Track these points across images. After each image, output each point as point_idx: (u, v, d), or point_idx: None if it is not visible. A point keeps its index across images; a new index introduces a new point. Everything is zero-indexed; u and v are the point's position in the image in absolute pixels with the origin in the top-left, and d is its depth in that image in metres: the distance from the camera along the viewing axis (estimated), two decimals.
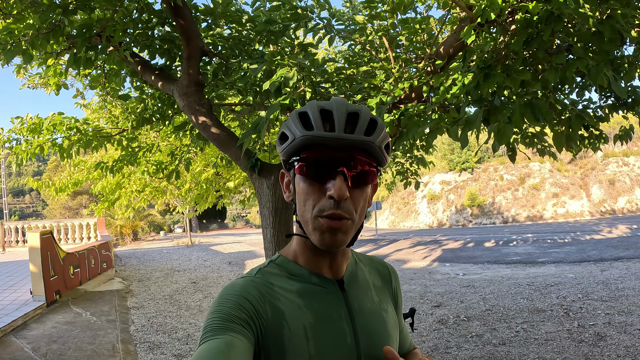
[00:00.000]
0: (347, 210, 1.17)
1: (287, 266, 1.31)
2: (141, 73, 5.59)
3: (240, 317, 1.11)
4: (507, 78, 3.13)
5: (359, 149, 1.20)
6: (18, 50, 4.08)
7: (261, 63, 3.99)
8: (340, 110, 1.20)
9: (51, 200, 57.15)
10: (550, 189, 45.02)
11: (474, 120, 3.09)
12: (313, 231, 1.20)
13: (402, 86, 4.05)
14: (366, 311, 1.33)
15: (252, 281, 1.24)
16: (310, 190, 1.20)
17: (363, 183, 1.22)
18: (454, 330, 8.18)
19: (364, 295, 1.37)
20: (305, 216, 1.21)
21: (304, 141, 1.19)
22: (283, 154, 1.26)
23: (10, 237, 24.33)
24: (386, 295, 1.47)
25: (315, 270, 1.31)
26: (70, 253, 12.63)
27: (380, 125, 1.24)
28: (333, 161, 1.17)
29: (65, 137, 6.56)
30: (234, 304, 1.14)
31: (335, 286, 1.31)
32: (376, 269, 1.52)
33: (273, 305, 1.20)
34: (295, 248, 1.34)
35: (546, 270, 14.04)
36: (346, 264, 1.37)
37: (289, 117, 1.27)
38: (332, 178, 1.17)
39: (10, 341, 7.97)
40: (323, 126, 1.19)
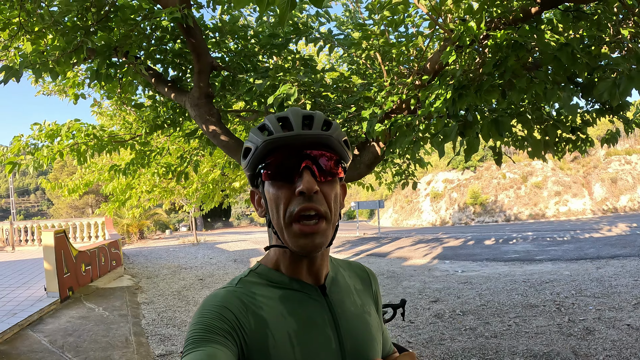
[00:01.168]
0: (319, 203, 1.20)
1: (268, 274, 1.31)
2: (155, 85, 6.00)
3: (222, 327, 1.11)
4: (477, 97, 3.55)
5: (320, 144, 1.23)
6: (45, 69, 4.50)
7: (266, 78, 4.41)
8: (295, 115, 1.24)
9: (57, 200, 57.55)
10: (552, 187, 44.99)
11: (449, 134, 3.50)
12: (289, 238, 1.21)
13: (393, 99, 4.48)
14: (349, 315, 1.34)
15: (233, 291, 1.23)
16: (280, 194, 1.21)
17: (330, 175, 1.25)
18: (449, 324, 8.48)
19: (346, 299, 1.37)
20: (280, 223, 1.22)
21: (267, 146, 1.21)
22: (249, 167, 1.29)
23: (19, 237, 24.68)
24: (368, 299, 1.47)
25: (295, 276, 1.30)
26: (82, 251, 12.98)
27: (335, 124, 1.29)
28: (297, 159, 1.20)
29: (83, 142, 6.96)
30: (215, 314, 1.14)
31: (318, 292, 1.31)
32: (355, 273, 1.53)
33: (256, 315, 1.19)
34: (274, 256, 1.34)
35: (543, 268, 14.26)
36: (326, 268, 1.36)
37: (250, 132, 1.29)
38: (299, 175, 1.19)
39: (28, 335, 8.31)
40: (282, 130, 1.22)
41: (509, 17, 3.89)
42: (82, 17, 4.67)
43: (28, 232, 24.61)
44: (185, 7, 4.34)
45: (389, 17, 4.53)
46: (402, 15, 4.57)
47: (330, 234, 1.25)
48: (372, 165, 5.40)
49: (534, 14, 3.93)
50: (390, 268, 16.19)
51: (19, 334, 8.37)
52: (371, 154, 5.25)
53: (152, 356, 7.42)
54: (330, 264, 1.42)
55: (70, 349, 7.54)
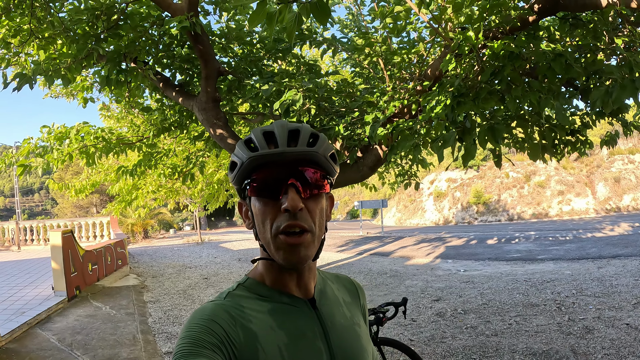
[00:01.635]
0: (305, 220, 1.20)
1: (256, 288, 1.31)
2: (163, 89, 6.15)
3: (210, 341, 1.10)
4: (475, 105, 3.68)
5: (305, 160, 1.22)
6: (57, 76, 4.65)
7: (271, 84, 4.56)
8: (281, 129, 1.22)
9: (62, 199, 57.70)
10: (555, 186, 44.84)
11: (448, 140, 3.63)
12: (276, 251, 1.21)
13: (394, 104, 4.62)
14: (339, 327, 1.33)
15: (221, 305, 1.22)
16: (266, 209, 1.22)
17: (316, 193, 1.24)
18: (451, 322, 8.57)
19: (335, 311, 1.37)
20: (266, 237, 1.22)
21: (252, 162, 1.21)
22: (235, 181, 1.28)
23: (25, 236, 24.83)
24: (356, 311, 1.47)
25: (284, 289, 1.30)
26: (88, 251, 13.11)
27: (322, 138, 1.27)
28: (282, 176, 1.20)
29: (92, 145, 7.10)
30: (203, 328, 1.12)
31: (307, 305, 1.31)
32: (344, 286, 1.53)
33: (245, 328, 1.18)
34: (261, 270, 1.33)
35: (544, 267, 14.26)
36: (314, 281, 1.37)
37: (236, 146, 1.28)
38: (285, 192, 1.19)
39: (37, 333, 8.43)
40: (268, 146, 1.21)
41: (506, 27, 4.03)
42: (92, 25, 4.81)
43: (34, 232, 24.75)
44: (193, 15, 4.48)
45: (391, 23, 4.66)
46: (404, 22, 4.70)
47: (315, 247, 1.25)
48: (374, 167, 5.54)
49: (531, 22, 4.06)
50: (393, 267, 16.27)
51: (27, 332, 8.48)
52: (374, 156, 5.40)
53: (159, 353, 7.54)
54: (318, 276, 1.42)
55: (79, 347, 7.66)
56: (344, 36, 6.03)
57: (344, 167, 5.73)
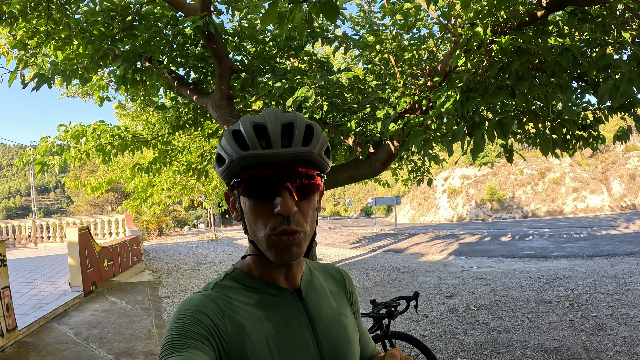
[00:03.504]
0: (298, 224, 1.17)
1: (243, 279, 1.29)
2: (177, 87, 6.22)
3: (199, 332, 1.09)
4: (483, 100, 3.73)
5: (300, 161, 1.18)
6: (75, 75, 4.75)
7: (284, 81, 4.63)
8: (274, 123, 1.16)
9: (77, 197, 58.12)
10: (570, 183, 44.52)
11: (457, 134, 3.67)
12: (268, 249, 1.19)
13: (406, 100, 4.68)
14: (326, 318, 1.33)
15: (209, 296, 1.21)
16: (258, 210, 1.18)
17: (309, 193, 1.21)
18: (463, 319, 8.58)
19: (322, 302, 1.36)
20: (258, 235, 1.20)
21: (242, 162, 1.15)
22: (223, 176, 1.24)
23: (41, 234, 25.08)
24: (343, 300, 1.47)
25: (271, 281, 1.29)
26: (104, 247, 13.30)
27: (317, 132, 1.22)
28: (275, 178, 1.15)
29: (108, 143, 7.20)
30: (192, 319, 1.11)
31: (294, 296, 1.30)
32: (331, 275, 1.52)
33: (233, 320, 1.17)
34: (249, 262, 1.33)
35: (558, 265, 14.21)
36: (301, 273, 1.36)
37: (223, 135, 1.22)
38: (278, 195, 1.15)
39: (53, 327, 8.58)
40: (259, 143, 1.14)
41: (514, 22, 4.07)
42: (108, 26, 4.90)
43: (50, 229, 25.00)
44: (206, 14, 4.56)
45: (401, 20, 4.70)
46: (414, 19, 4.74)
47: (306, 245, 1.23)
48: (386, 163, 5.60)
49: (539, 17, 4.09)
50: (406, 264, 16.26)
51: (44, 326, 8.63)
52: (386, 152, 5.46)
53: None
54: (305, 267, 1.41)
55: (95, 340, 7.77)
56: (355, 33, 6.08)
57: (356, 162, 5.78)
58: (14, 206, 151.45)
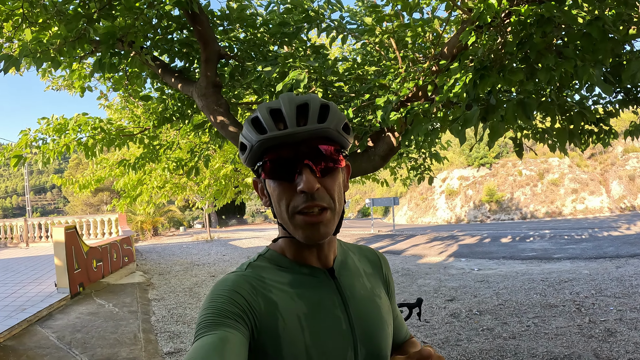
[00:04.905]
0: (323, 199, 1.19)
1: (277, 259, 1.32)
2: (161, 75, 5.83)
3: (233, 311, 1.12)
4: (501, 78, 3.31)
5: (317, 137, 1.20)
6: (47, 58, 4.33)
7: (274, 65, 4.21)
8: (289, 105, 1.20)
9: (72, 197, 58.01)
10: (569, 184, 44.57)
11: (470, 119, 3.26)
12: (295, 230, 1.22)
13: (408, 85, 4.25)
14: (359, 297, 1.34)
15: (243, 275, 1.24)
16: (281, 190, 1.21)
17: (332, 169, 1.23)
18: (466, 324, 8.26)
19: (355, 281, 1.37)
20: (283, 217, 1.23)
21: (262, 145, 1.19)
22: (247, 162, 1.28)
23: (33, 233, 24.82)
24: (378, 282, 1.47)
25: (303, 262, 1.31)
26: (93, 247, 12.95)
27: (333, 109, 1.24)
28: (295, 157, 1.18)
29: (90, 136, 6.81)
30: (226, 299, 1.14)
31: (326, 275, 1.32)
32: (365, 257, 1.53)
33: (266, 298, 1.20)
34: (281, 243, 1.34)
35: (561, 267, 13.98)
36: (334, 253, 1.37)
37: (244, 125, 1.27)
38: (299, 173, 1.17)
39: (36, 330, 8.23)
40: (276, 126, 1.18)
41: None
42: (84, 5, 4.49)
43: (42, 229, 24.70)
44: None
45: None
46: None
47: (334, 223, 1.24)
48: (387, 157, 5.15)
49: None
50: (405, 266, 16.00)
51: (27, 329, 8.30)
52: (386, 144, 5.01)
53: (160, 353, 7.30)
54: (339, 248, 1.43)
55: (78, 345, 7.44)
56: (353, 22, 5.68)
57: (354, 156, 5.33)
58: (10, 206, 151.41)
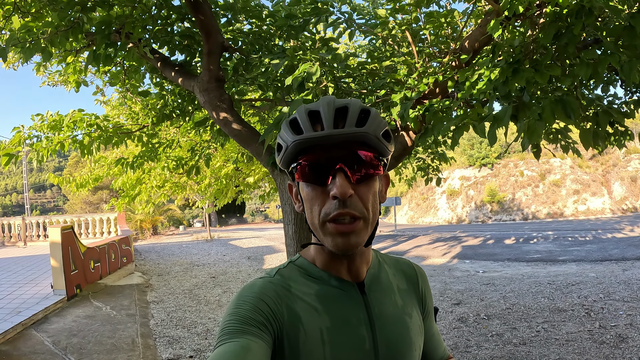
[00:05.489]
0: (355, 207, 1.13)
1: (307, 268, 1.28)
2: (161, 69, 5.55)
3: (257, 319, 1.10)
4: (536, 73, 3.02)
5: (355, 142, 1.15)
6: (37, 48, 4.05)
7: (283, 58, 3.92)
8: (327, 108, 1.16)
9: (72, 195, 57.84)
10: (571, 185, 44.49)
11: (502, 117, 2.98)
12: (325, 237, 1.17)
13: (427, 81, 3.95)
14: (388, 316, 1.28)
15: (270, 282, 1.21)
16: (314, 195, 1.17)
17: (367, 177, 1.17)
18: (474, 329, 8.09)
19: (386, 298, 1.32)
20: (314, 223, 1.18)
21: (297, 146, 1.16)
22: (282, 164, 1.24)
23: (31, 232, 24.60)
24: (412, 299, 1.40)
25: (334, 273, 1.26)
26: (90, 248, 12.74)
27: (374, 115, 1.20)
28: (330, 160, 1.14)
29: (85, 133, 6.54)
30: (251, 306, 1.12)
31: (355, 289, 1.27)
32: (402, 271, 1.45)
33: (290, 308, 1.17)
34: (313, 252, 1.30)
35: (567, 269, 13.85)
36: (367, 266, 1.31)
37: (282, 126, 1.23)
38: (333, 177, 1.13)
39: (31, 334, 8.02)
40: (313, 127, 1.15)
41: None
42: None
43: (40, 228, 24.47)
44: None
45: None
46: None
47: (367, 233, 1.19)
48: (400, 157, 4.85)
49: None
50: None
51: (22, 333, 8.08)
52: (400, 144, 4.70)
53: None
54: (374, 260, 1.37)
55: (74, 351, 7.22)
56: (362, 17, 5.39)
57: None
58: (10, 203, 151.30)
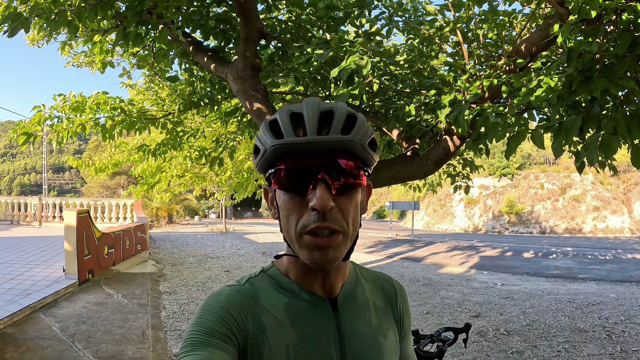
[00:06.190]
0: (335, 221, 1.05)
1: (278, 279, 1.20)
2: (193, 54, 5.31)
3: (220, 331, 1.03)
4: (610, 84, 2.74)
5: (338, 150, 1.07)
6: (63, 22, 3.79)
7: (327, 49, 3.65)
8: (311, 110, 1.07)
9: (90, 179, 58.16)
10: (591, 201, 43.91)
11: (570, 128, 2.70)
12: (300, 250, 1.08)
13: (480, 84, 3.66)
14: (360, 335, 1.20)
15: (237, 292, 1.14)
16: (292, 205, 1.08)
17: (350, 188, 1.09)
18: (494, 344, 7.84)
19: (359, 317, 1.23)
20: (290, 234, 1.10)
21: (275, 151, 1.07)
22: (258, 168, 1.15)
23: (47, 212, 24.73)
24: (388, 318, 1.32)
25: (306, 286, 1.18)
26: (105, 233, 12.66)
27: (361, 121, 1.11)
28: (311, 168, 1.05)
29: (108, 117, 6.33)
30: (215, 316, 1.06)
31: (327, 305, 1.19)
32: (381, 287, 1.36)
33: (256, 320, 1.10)
34: (286, 263, 1.21)
35: (587, 288, 13.64)
36: (342, 280, 1.23)
37: (260, 127, 1.15)
38: (313, 187, 1.05)
39: (39, 319, 7.88)
40: (295, 131, 1.07)
41: None
42: None
43: (56, 209, 24.53)
44: None
45: None
46: None
47: (346, 248, 1.11)
48: (440, 162, 4.57)
49: None
50: (426, 275, 15.65)
51: (29, 316, 7.93)
52: (442, 149, 4.41)
53: (169, 355, 6.90)
54: (352, 274, 1.29)
55: (82, 339, 7.05)
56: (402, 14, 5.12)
57: (404, 159, 4.77)
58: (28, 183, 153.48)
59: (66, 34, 5.33)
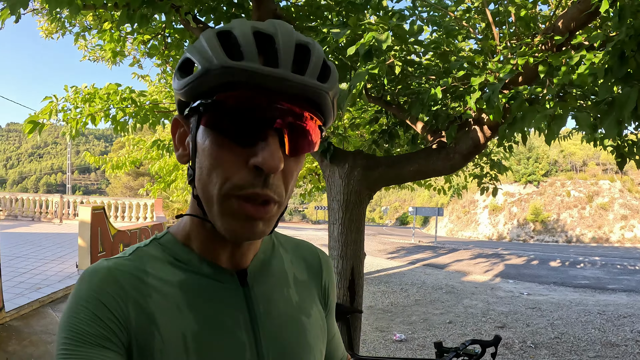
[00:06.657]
0: (275, 188, 0.82)
1: (174, 248, 0.93)
2: None
3: (95, 333, 0.78)
4: None
5: (308, 99, 0.82)
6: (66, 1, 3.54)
7: (345, 28, 3.34)
8: (286, 37, 0.80)
9: (113, 179, 58.92)
10: (619, 210, 43.25)
11: (624, 102, 2.32)
12: (220, 216, 0.82)
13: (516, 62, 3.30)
14: (277, 315, 0.97)
15: (116, 269, 0.86)
16: (222, 154, 0.81)
17: (304, 149, 0.86)
18: (520, 357, 7.56)
19: (276, 292, 1.00)
20: (210, 191, 0.82)
21: (224, 76, 0.77)
22: (184, 92, 0.82)
23: (68, 210, 25.17)
24: (312, 294, 1.10)
25: (209, 257, 0.92)
26: (121, 231, 12.72)
27: (335, 72, 0.88)
28: (267, 113, 0.79)
29: (118, 108, 6.11)
30: (88, 314, 0.79)
31: (235, 280, 0.94)
32: (302, 258, 1.13)
33: (139, 306, 0.83)
34: (187, 228, 0.94)
35: (617, 299, 13.21)
36: (255, 250, 0.99)
37: (201, 38, 0.82)
38: (262, 139, 0.79)
39: (47, 313, 7.88)
40: (258, 56, 0.78)
41: None
42: None
43: (77, 206, 24.85)
44: None
45: None
46: None
47: (276, 220, 0.88)
48: (469, 155, 4.19)
49: None
50: (449, 282, 15.37)
51: (37, 310, 7.97)
52: (471, 140, 4.03)
53: None
54: (267, 242, 1.05)
55: None
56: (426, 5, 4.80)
57: (428, 153, 4.39)
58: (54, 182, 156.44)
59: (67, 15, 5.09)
